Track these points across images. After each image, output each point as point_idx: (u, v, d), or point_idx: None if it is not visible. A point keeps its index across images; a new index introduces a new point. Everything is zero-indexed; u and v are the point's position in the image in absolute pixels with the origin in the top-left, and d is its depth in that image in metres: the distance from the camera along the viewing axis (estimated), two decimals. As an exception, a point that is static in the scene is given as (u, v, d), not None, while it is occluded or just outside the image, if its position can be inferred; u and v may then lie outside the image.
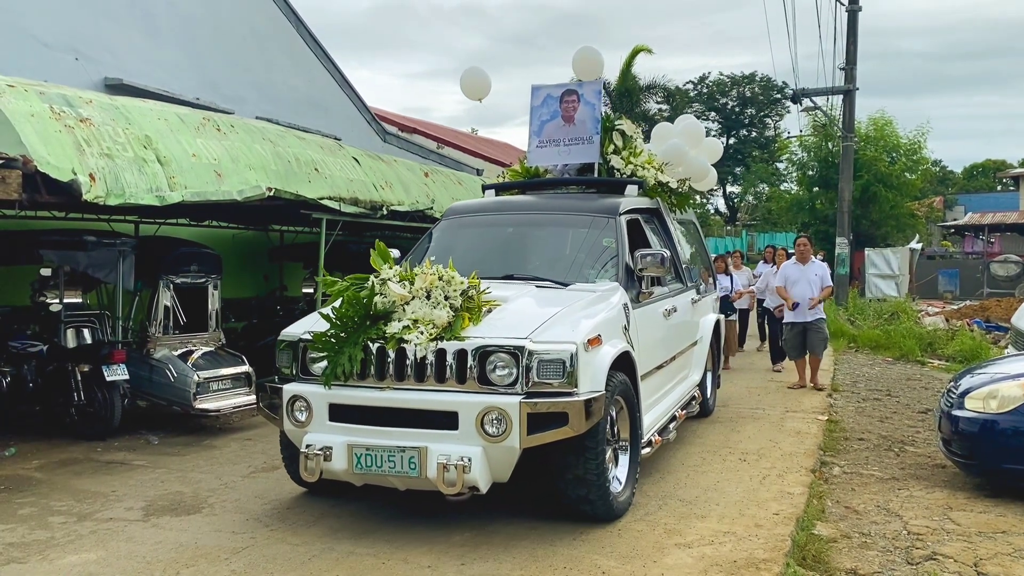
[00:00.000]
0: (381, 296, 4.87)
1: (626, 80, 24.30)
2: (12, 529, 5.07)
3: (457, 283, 4.84)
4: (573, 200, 6.81)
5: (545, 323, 4.72)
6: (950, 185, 55.28)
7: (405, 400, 4.61)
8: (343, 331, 4.78)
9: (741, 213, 54.81)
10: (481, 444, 4.44)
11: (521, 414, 4.39)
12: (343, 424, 4.73)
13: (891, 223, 26.65)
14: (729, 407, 8.73)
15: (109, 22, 11.49)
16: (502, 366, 4.54)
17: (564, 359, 4.52)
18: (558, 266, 5.96)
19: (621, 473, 5.18)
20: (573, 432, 4.48)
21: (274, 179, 7.98)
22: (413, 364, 4.65)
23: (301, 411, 4.84)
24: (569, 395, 4.50)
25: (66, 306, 7.99)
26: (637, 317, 5.65)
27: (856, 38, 21.12)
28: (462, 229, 6.62)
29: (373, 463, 4.59)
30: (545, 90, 7.48)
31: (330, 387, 4.75)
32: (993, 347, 13.06)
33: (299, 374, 4.98)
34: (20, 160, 5.63)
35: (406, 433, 4.57)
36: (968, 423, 5.76)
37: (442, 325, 4.67)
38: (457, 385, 4.59)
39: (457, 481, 4.41)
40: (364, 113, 17.43)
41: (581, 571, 4.27)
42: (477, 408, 4.44)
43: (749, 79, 52.65)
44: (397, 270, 5.03)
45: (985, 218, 35.86)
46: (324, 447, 4.67)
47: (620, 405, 5.14)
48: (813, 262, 9.83)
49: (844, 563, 4.57)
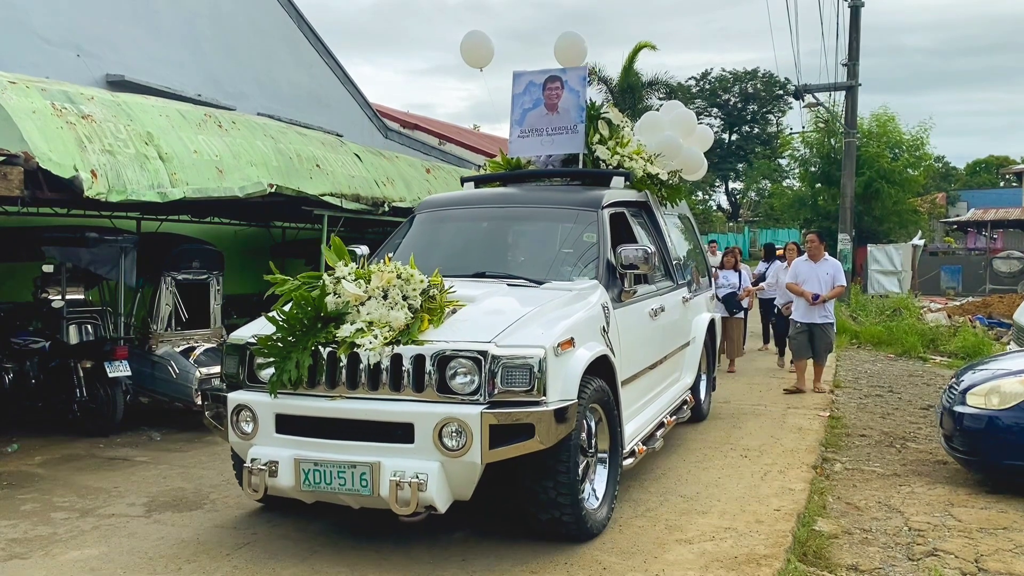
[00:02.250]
0: (335, 296, 4.48)
1: (629, 76, 24.25)
2: (15, 525, 5.08)
3: (416, 282, 4.48)
4: (553, 193, 6.48)
5: (512, 325, 4.34)
6: (953, 181, 55.18)
7: (356, 411, 4.24)
8: (290, 335, 4.38)
9: (743, 209, 54.76)
10: (439, 459, 4.09)
11: (482, 426, 4.03)
12: (290, 436, 4.35)
13: (894, 219, 26.63)
14: (731, 403, 8.73)
15: (111, 18, 11.49)
16: (463, 373, 4.16)
17: (531, 365, 4.14)
18: (534, 263, 5.63)
19: (599, 487, 4.81)
20: (541, 445, 4.13)
21: (276, 175, 7.98)
22: (366, 371, 4.25)
23: (247, 422, 4.46)
24: (537, 404, 4.14)
25: (68, 302, 8.00)
26: (619, 317, 5.29)
27: (859, 34, 21.08)
28: (435, 224, 6.25)
29: (322, 480, 4.21)
30: (527, 76, 7.02)
31: (276, 396, 4.38)
32: (995, 343, 13.06)
33: (246, 381, 4.60)
34: (22, 156, 5.64)
35: (358, 447, 4.20)
36: (970, 419, 5.76)
37: (399, 328, 4.30)
38: (414, 394, 4.20)
39: (411, 500, 4.06)
40: (366, 109, 17.41)
41: (582, 567, 4.28)
42: (434, 419, 4.08)
43: (751, 75, 52.61)
44: (353, 268, 4.64)
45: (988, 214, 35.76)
46: (270, 461, 4.30)
47: (598, 414, 4.79)
48: (825, 259, 9.28)
49: (845, 559, 4.57)
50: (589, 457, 4.73)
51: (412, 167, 11.48)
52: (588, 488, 4.69)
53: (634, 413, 5.62)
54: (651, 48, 24.22)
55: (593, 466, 4.80)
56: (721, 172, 52.33)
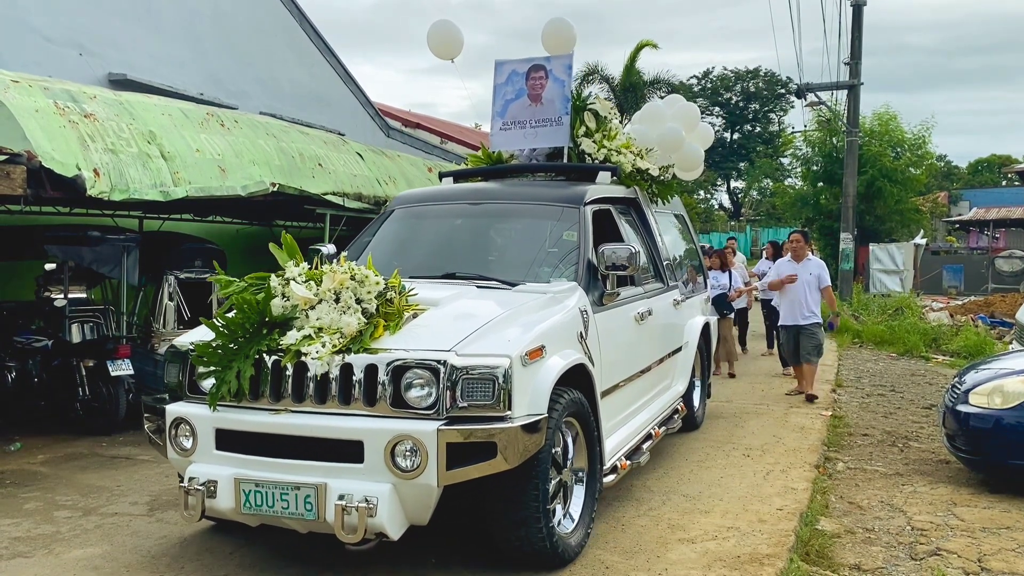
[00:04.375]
0: (283, 299, 4.11)
1: (630, 75, 24.20)
2: (18, 523, 5.09)
3: (372, 284, 4.12)
4: (533, 188, 6.07)
5: (476, 332, 3.97)
6: (955, 180, 55.09)
7: (301, 426, 3.87)
8: (232, 341, 4.03)
9: (745, 208, 54.73)
10: (391, 481, 3.72)
11: (439, 444, 3.66)
12: (231, 454, 4.00)
13: (895, 218, 26.56)
14: (733, 402, 8.72)
15: (113, 17, 11.49)
16: (419, 385, 3.79)
17: (495, 376, 3.77)
18: (509, 264, 5.28)
19: (574, 508, 4.43)
20: (506, 465, 3.76)
21: (278, 174, 7.99)
22: (314, 382, 3.89)
23: (186, 437, 4.12)
24: (501, 420, 3.77)
25: (71, 301, 8.02)
26: (600, 322, 4.91)
27: (861, 32, 21.05)
28: (407, 221, 5.87)
29: (264, 502, 3.85)
30: (510, 65, 6.59)
31: (216, 409, 4.01)
32: (997, 343, 13.05)
33: (187, 392, 4.24)
34: (25, 155, 5.65)
35: (303, 466, 3.84)
36: (972, 419, 5.75)
37: (351, 334, 3.93)
38: (365, 408, 3.83)
39: (359, 526, 3.67)
40: (368, 108, 17.41)
41: (585, 566, 4.28)
42: (385, 437, 3.71)
43: (753, 74, 52.58)
44: (305, 268, 4.26)
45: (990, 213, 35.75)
46: (208, 481, 3.94)
47: (574, 428, 4.43)
48: (809, 259, 9.05)
49: (848, 558, 4.57)
50: (563, 476, 4.36)
51: (414, 166, 11.50)
52: (561, 511, 4.34)
53: (617, 425, 5.28)
54: (653, 47, 24.18)
55: (569, 485, 4.43)
56: (723, 171, 52.31)
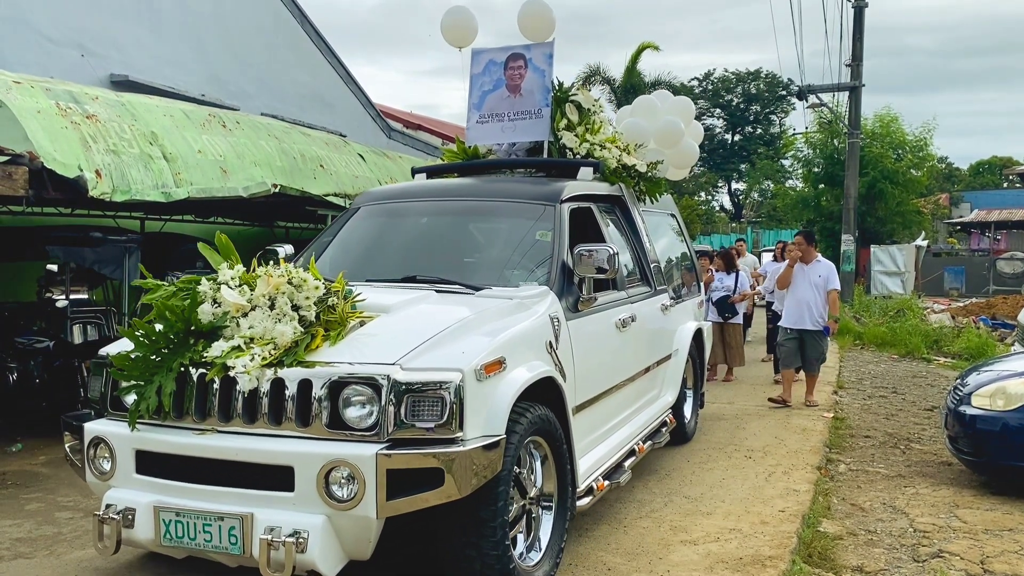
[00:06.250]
0: (214, 305, 3.71)
1: (632, 77, 24.26)
2: (19, 524, 5.09)
3: (311, 288, 3.72)
4: (507, 185, 5.68)
5: (426, 343, 3.56)
6: (956, 182, 55.06)
7: (226, 449, 3.46)
8: (154, 352, 3.64)
9: (746, 210, 54.71)
10: (325, 512, 3.32)
11: (378, 471, 3.25)
12: (152, 479, 3.62)
13: (897, 220, 26.58)
14: (735, 404, 8.72)
15: (115, 18, 11.51)
16: (358, 403, 3.38)
17: (444, 393, 3.35)
18: (475, 266, 4.93)
19: (542, 536, 4.00)
20: (457, 493, 3.33)
21: (279, 175, 7.99)
22: (242, 399, 3.50)
23: (104, 459, 3.73)
24: (450, 443, 3.35)
25: (72, 302, 8.03)
26: (574, 330, 4.49)
27: (862, 34, 21.08)
28: (371, 219, 5.49)
29: (185, 533, 3.46)
30: (487, 54, 6.23)
31: (135, 428, 3.63)
32: (999, 344, 13.04)
33: (109, 408, 3.85)
34: (27, 156, 5.65)
35: (229, 494, 3.44)
36: (974, 420, 5.74)
37: (284, 345, 3.54)
38: (299, 429, 3.43)
39: (286, 563, 3.26)
40: (369, 110, 17.44)
41: (587, 568, 4.27)
42: (318, 462, 3.31)
43: (754, 76, 52.55)
44: (240, 271, 3.86)
45: (991, 215, 35.79)
46: (126, 508, 3.56)
47: (542, 448, 4.01)
48: (818, 261, 8.65)
49: (850, 560, 4.56)
50: (528, 503, 3.94)
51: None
52: (524, 541, 3.91)
53: (595, 442, 4.85)
54: (654, 49, 24.25)
55: (535, 512, 4.01)
56: (724, 173, 52.29)
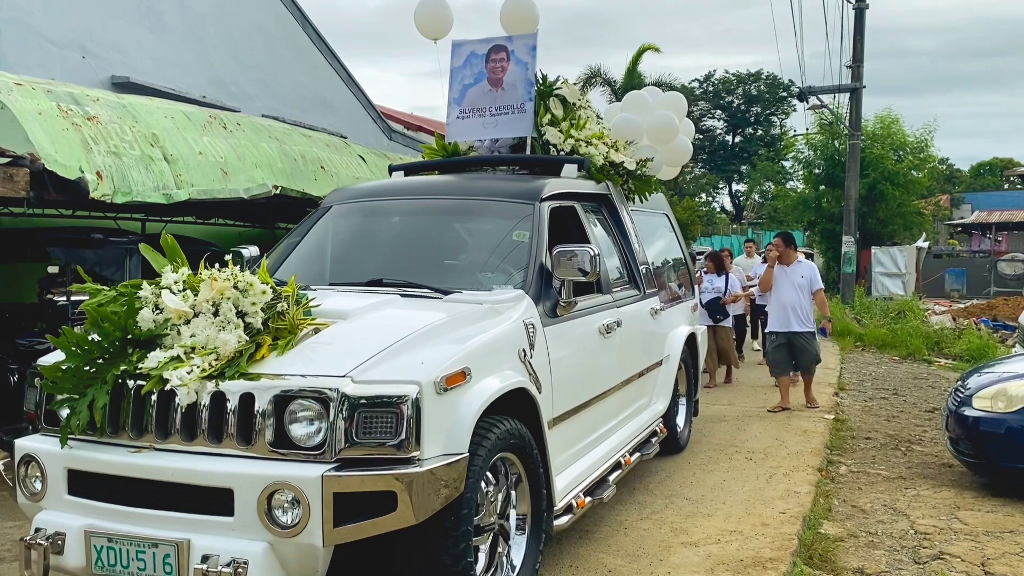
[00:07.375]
0: (155, 312, 3.44)
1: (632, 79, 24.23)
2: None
3: (258, 293, 3.47)
4: (485, 183, 5.41)
5: (382, 353, 3.29)
6: (957, 183, 55.07)
7: (161, 469, 3.19)
8: (87, 363, 3.37)
9: (747, 211, 54.72)
10: (266, 538, 3.05)
11: (324, 494, 2.98)
12: (85, 500, 3.34)
13: (898, 221, 26.57)
14: (735, 406, 8.72)
15: (116, 20, 11.52)
16: (305, 419, 3.11)
17: (400, 408, 3.08)
18: (446, 268, 4.65)
19: (515, 559, 3.74)
20: (412, 519, 3.06)
21: (280, 177, 7.99)
22: (180, 414, 3.22)
23: (36, 478, 3.44)
24: (405, 463, 3.07)
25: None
26: (551, 337, 4.20)
27: (863, 36, 21.11)
28: (340, 219, 5.21)
29: (118, 560, 3.19)
30: (468, 47, 5.96)
31: (67, 445, 3.36)
32: (1000, 346, 13.04)
33: (43, 422, 3.56)
34: (28, 158, 5.65)
35: (166, 518, 3.17)
36: (975, 422, 5.74)
37: (227, 355, 3.27)
38: (240, 447, 3.15)
39: None
40: (370, 111, 17.44)
41: (587, 569, 4.27)
42: (260, 484, 3.03)
43: (755, 77, 52.53)
44: (185, 275, 3.60)
45: (992, 216, 35.79)
46: (55, 533, 3.28)
47: (515, 466, 3.73)
48: (799, 262, 8.53)
49: (851, 562, 4.56)
50: (497, 525, 3.66)
51: (416, 169, 11.48)
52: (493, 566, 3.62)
53: (574, 456, 4.54)
54: (655, 50, 24.22)
55: (507, 534, 3.74)
56: (725, 174, 52.30)
